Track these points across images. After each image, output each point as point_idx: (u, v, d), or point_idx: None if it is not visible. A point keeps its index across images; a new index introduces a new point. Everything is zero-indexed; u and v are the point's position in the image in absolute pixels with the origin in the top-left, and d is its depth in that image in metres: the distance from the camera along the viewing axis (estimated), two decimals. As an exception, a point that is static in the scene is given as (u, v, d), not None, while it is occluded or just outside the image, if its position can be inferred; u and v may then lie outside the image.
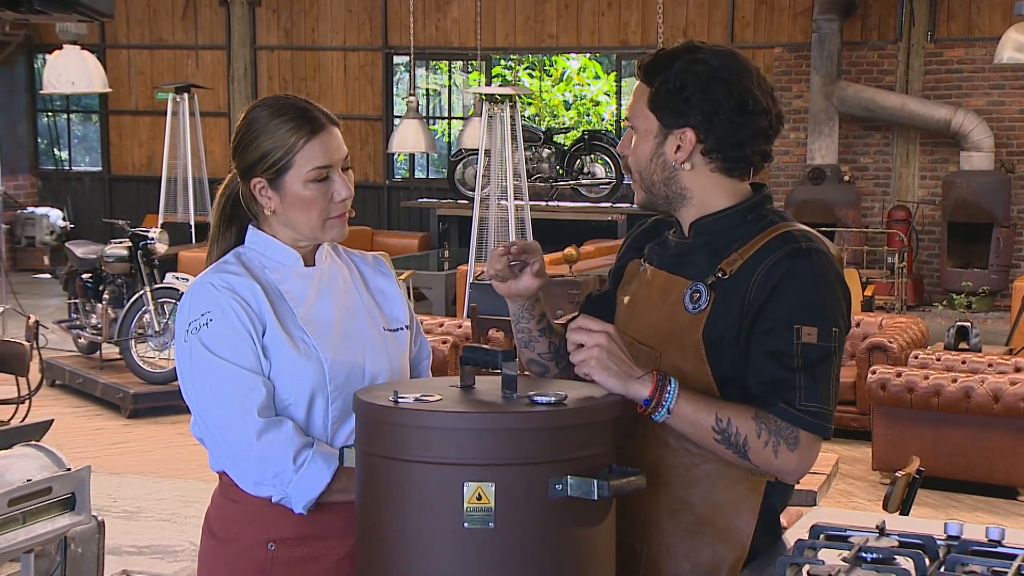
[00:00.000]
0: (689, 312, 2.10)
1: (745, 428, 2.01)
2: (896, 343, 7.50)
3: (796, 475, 2.09)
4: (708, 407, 2.01)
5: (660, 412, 2.01)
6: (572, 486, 1.78)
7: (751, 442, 2.01)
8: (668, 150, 2.13)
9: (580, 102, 16.07)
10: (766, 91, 2.14)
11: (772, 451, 2.01)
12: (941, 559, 1.95)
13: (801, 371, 2.01)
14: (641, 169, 2.18)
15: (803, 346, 2.01)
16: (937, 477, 6.35)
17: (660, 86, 2.13)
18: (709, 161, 2.14)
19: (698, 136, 2.11)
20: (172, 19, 15.23)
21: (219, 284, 2.21)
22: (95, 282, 9.04)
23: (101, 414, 8.24)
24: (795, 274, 2.05)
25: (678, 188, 2.16)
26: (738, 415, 2.01)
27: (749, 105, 2.11)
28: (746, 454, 2.02)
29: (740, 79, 2.11)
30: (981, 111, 12.11)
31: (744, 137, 2.12)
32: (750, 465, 2.04)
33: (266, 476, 2.16)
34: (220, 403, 2.17)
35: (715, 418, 2.01)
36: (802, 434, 2.02)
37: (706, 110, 2.10)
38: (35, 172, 15.98)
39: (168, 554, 5.47)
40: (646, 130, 2.16)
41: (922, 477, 3.58)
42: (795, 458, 2.02)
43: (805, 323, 2.02)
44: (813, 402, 2.02)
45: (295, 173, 2.21)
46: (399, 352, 2.35)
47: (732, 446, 2.02)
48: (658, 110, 2.13)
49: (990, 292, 11.76)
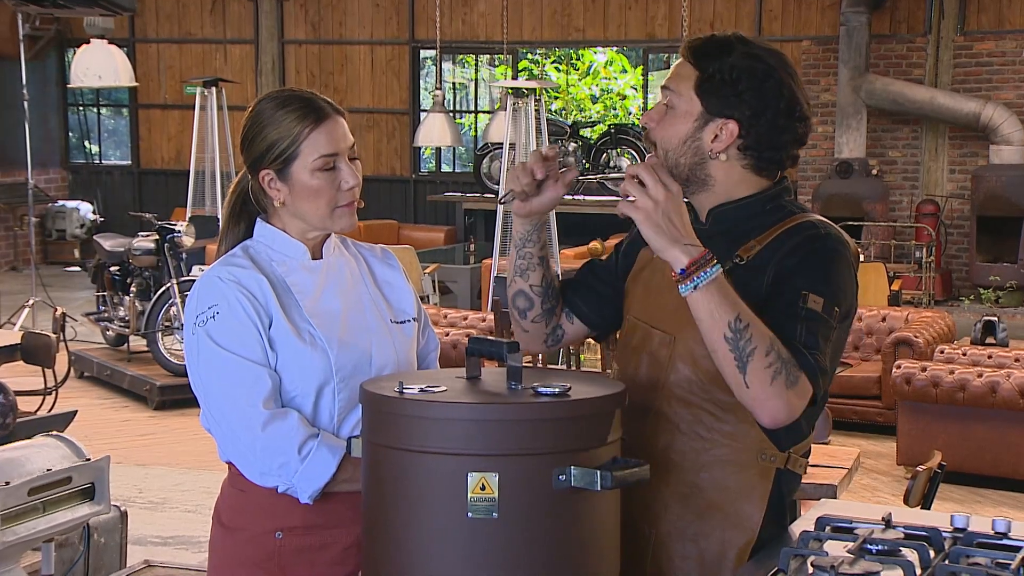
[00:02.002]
0: None
1: (758, 340, 1.95)
2: (922, 338, 7.47)
3: (776, 415, 1.98)
4: (735, 304, 1.96)
5: (688, 285, 1.94)
6: (576, 477, 1.78)
7: (756, 357, 1.94)
8: (706, 137, 2.12)
9: (607, 96, 16.05)
10: (806, 98, 2.16)
11: (770, 375, 1.94)
12: (946, 551, 1.95)
13: (802, 323, 2.01)
14: (669, 148, 2.15)
15: (807, 309, 2.02)
16: (962, 472, 6.34)
17: (713, 73, 2.10)
18: (743, 156, 2.14)
19: (740, 130, 2.11)
20: (201, 14, 15.32)
21: (226, 277, 2.23)
22: (123, 275, 9.10)
23: (128, 406, 8.31)
24: (812, 253, 2.07)
25: (703, 175, 2.15)
26: (758, 327, 1.96)
27: (796, 111, 2.12)
28: (745, 366, 1.95)
29: (791, 83, 2.12)
30: (1011, 104, 12.01)
31: (784, 140, 2.13)
32: (740, 382, 1.96)
33: (272, 467, 2.18)
34: (226, 395, 2.20)
35: (736, 316, 1.95)
36: (802, 378, 1.98)
37: (756, 107, 2.09)
38: (65, 166, 16.10)
39: (192, 545, 5.51)
40: (686, 112, 2.13)
41: (944, 472, 3.56)
42: (785, 396, 1.95)
43: (813, 292, 2.03)
44: (813, 349, 2.00)
45: (302, 162, 2.23)
46: (406, 344, 2.36)
47: (737, 351, 1.95)
48: (706, 96, 2.11)
49: (1018, 287, 11.66)
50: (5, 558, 2.63)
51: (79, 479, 2.76)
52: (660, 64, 14.88)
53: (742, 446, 2.11)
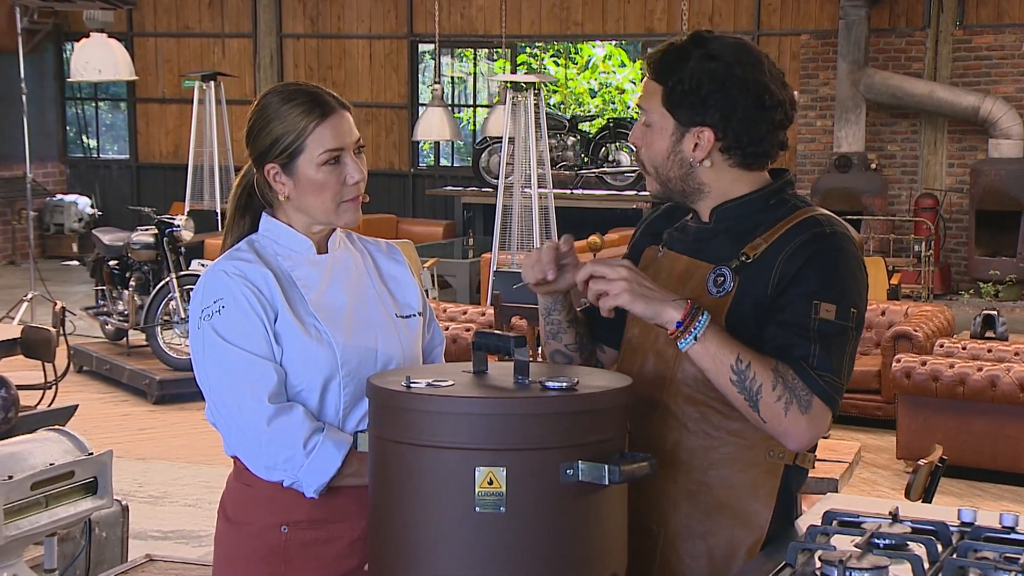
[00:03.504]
0: (712, 295, 2.11)
1: (763, 376, 1.99)
2: (921, 331, 7.47)
3: (801, 441, 2.04)
4: (732, 346, 2.00)
5: (687, 339, 1.99)
6: (583, 471, 1.78)
7: (764, 392, 1.99)
8: (686, 148, 2.13)
9: (605, 90, 16.03)
10: (778, 80, 2.13)
11: (783, 407, 1.99)
12: (954, 545, 1.95)
13: (816, 342, 2.02)
14: (657, 165, 2.17)
15: (820, 320, 2.02)
16: (962, 466, 6.34)
17: (674, 86, 2.11)
18: (728, 157, 2.14)
19: (716, 135, 2.11)
20: (199, 7, 15.31)
21: (231, 271, 2.23)
22: (122, 269, 9.10)
23: (127, 400, 8.31)
24: (819, 256, 2.06)
25: (696, 183, 2.16)
26: (759, 362, 2.00)
27: (766, 101, 2.10)
28: (756, 403, 2.00)
29: (755, 74, 2.10)
30: (1010, 98, 12.02)
31: (762, 132, 2.12)
32: (758, 419, 2.02)
33: (277, 461, 2.18)
34: (232, 389, 2.20)
35: (736, 358, 1.99)
36: (815, 400, 2.01)
37: (724, 109, 2.09)
38: (63, 160, 16.09)
39: (192, 539, 5.52)
40: (661, 128, 2.14)
41: (945, 466, 3.56)
42: (804, 422, 2.00)
43: (825, 300, 2.03)
44: (826, 371, 2.01)
45: (307, 157, 2.23)
46: (411, 338, 2.36)
47: (745, 391, 2.00)
48: (674, 109, 2.12)
49: (1017, 281, 11.68)
50: (8, 552, 2.63)
51: (82, 473, 2.77)
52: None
53: (749, 443, 2.12)
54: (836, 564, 1.79)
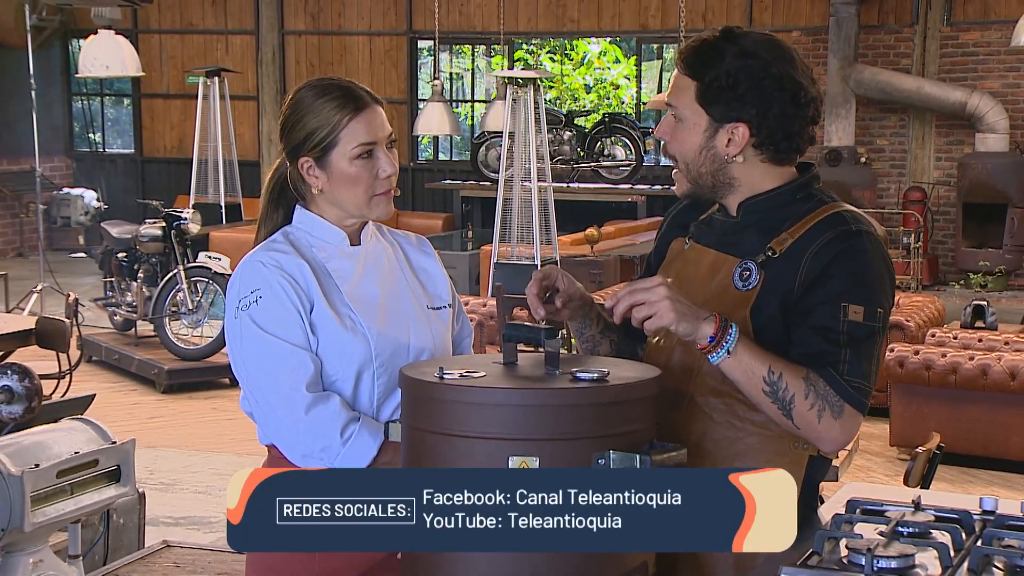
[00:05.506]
0: (738, 290, 2.12)
1: (795, 386, 2.01)
2: (913, 321, 7.51)
3: (835, 445, 2.07)
4: (763, 357, 2.01)
5: (720, 352, 2.00)
6: (615, 461, 1.78)
7: (797, 401, 2.01)
8: (719, 144, 2.13)
9: (600, 85, 16.16)
10: (809, 76, 2.14)
11: (816, 415, 2.01)
12: (978, 533, 1.94)
13: (846, 347, 2.03)
14: (688, 160, 2.16)
15: (849, 323, 2.03)
16: (954, 453, 6.27)
17: (710, 82, 2.10)
18: (760, 152, 2.14)
19: (751, 131, 2.11)
20: (202, 4, 15.40)
21: (268, 262, 2.24)
22: (130, 261, 9.17)
23: (136, 389, 8.37)
24: (845, 255, 2.06)
25: (726, 178, 2.16)
26: (790, 371, 2.01)
27: (801, 97, 2.11)
28: (790, 412, 2.02)
29: (789, 71, 2.10)
30: (996, 93, 12.18)
31: (796, 128, 2.12)
32: (791, 426, 2.04)
33: (314, 449, 2.19)
34: (269, 378, 2.21)
35: (768, 369, 2.00)
36: (847, 407, 2.03)
37: (760, 106, 2.09)
38: (70, 154, 16.13)
39: (204, 525, 5.59)
40: (694, 123, 2.13)
41: (942, 453, 3.64)
42: (837, 427, 2.02)
43: (852, 301, 2.04)
44: (856, 377, 2.03)
45: (341, 150, 2.25)
46: (442, 329, 2.38)
47: (779, 401, 2.01)
48: (709, 105, 2.11)
49: (1005, 272, 11.86)
50: (35, 539, 2.62)
51: (105, 462, 2.75)
52: (652, 55, 15.06)
53: (774, 435, 2.11)
54: (864, 552, 1.78)
